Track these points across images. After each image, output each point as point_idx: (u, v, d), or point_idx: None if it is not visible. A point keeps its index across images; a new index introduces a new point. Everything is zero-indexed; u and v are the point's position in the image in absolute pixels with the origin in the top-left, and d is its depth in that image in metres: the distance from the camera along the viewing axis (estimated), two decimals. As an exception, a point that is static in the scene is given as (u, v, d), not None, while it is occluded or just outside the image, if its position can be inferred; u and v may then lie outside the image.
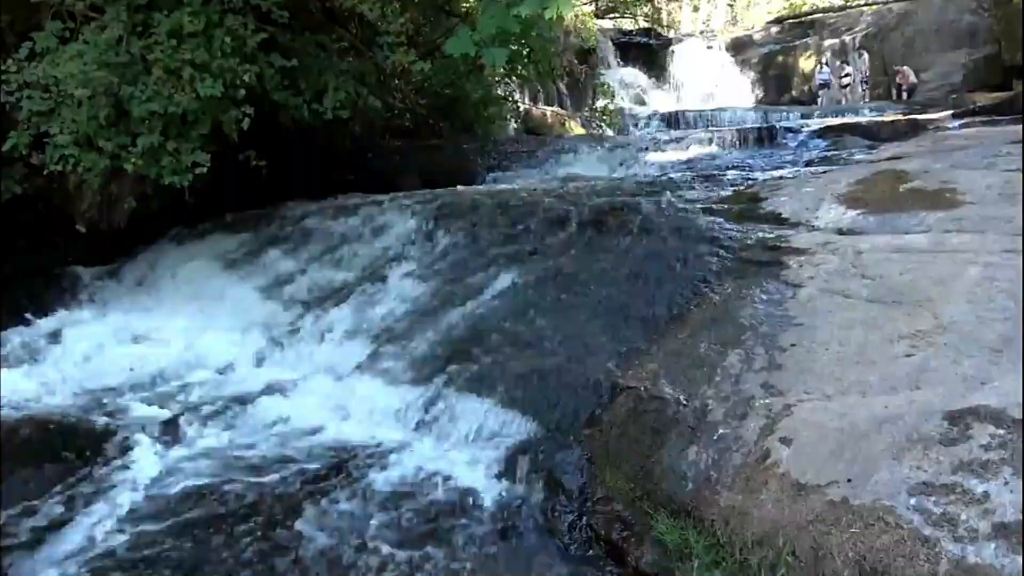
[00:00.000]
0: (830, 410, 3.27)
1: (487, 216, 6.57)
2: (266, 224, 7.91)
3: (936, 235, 4.59)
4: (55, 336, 6.58)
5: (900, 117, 12.03)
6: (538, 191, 7.18)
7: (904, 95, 22.27)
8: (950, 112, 11.85)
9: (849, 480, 2.90)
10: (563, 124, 16.29)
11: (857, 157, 8.13)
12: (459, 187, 8.30)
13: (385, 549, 3.39)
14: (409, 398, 4.62)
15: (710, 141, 10.66)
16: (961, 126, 9.75)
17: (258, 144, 7.66)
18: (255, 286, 6.79)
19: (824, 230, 5.15)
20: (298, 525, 3.58)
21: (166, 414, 4.91)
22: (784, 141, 10.30)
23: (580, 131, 16.14)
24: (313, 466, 4.15)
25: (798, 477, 3.02)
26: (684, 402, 3.70)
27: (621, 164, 10.31)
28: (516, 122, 15.04)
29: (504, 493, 3.76)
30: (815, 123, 11.88)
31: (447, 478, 3.94)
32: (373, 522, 3.60)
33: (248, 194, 8.32)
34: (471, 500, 3.74)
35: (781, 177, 7.06)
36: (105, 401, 5.19)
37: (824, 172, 6.98)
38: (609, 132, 16.20)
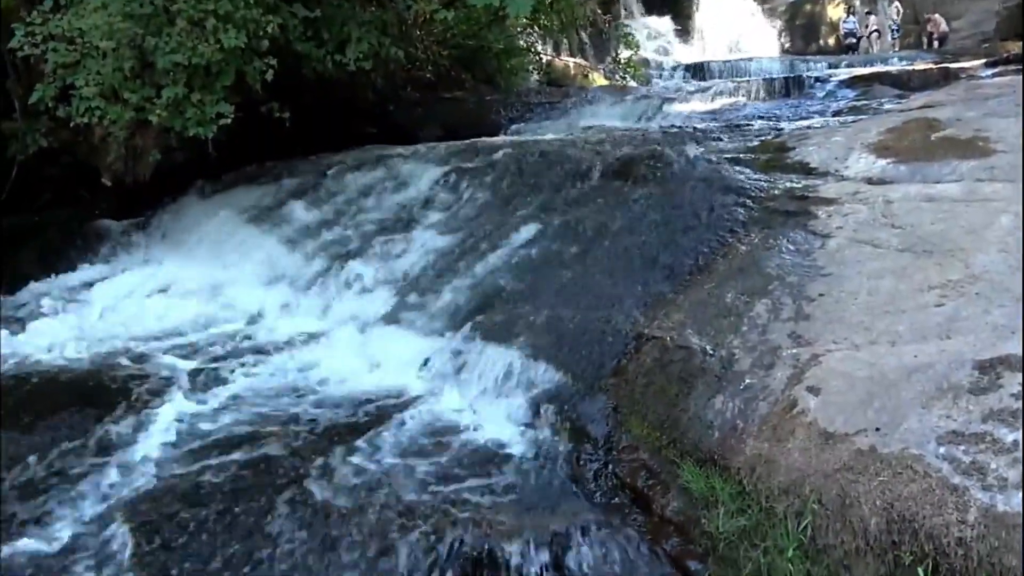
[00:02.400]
0: (859, 359, 3.25)
1: (511, 167, 6.53)
2: (289, 176, 7.90)
3: (968, 184, 4.52)
4: (82, 288, 6.64)
5: (931, 66, 11.78)
6: (562, 142, 7.12)
7: (935, 44, 21.88)
8: (983, 61, 11.59)
9: (877, 429, 2.88)
10: (586, 75, 16.08)
11: (887, 106, 8.01)
12: (482, 138, 8.23)
13: (410, 497, 3.40)
14: (434, 348, 4.63)
15: (736, 91, 10.51)
16: (994, 75, 9.55)
17: (281, 96, 7.64)
18: (279, 238, 6.79)
19: (853, 179, 5.08)
20: (324, 473, 3.60)
21: (193, 364, 4.95)
22: (812, 91, 10.13)
23: (603, 82, 15.93)
24: (339, 415, 4.18)
25: (826, 426, 3.01)
26: (710, 352, 3.68)
27: (645, 115, 10.18)
28: (538, 73, 14.87)
29: (529, 442, 3.77)
30: (843, 72, 11.66)
31: (472, 427, 3.96)
32: (398, 470, 3.62)
33: (271, 146, 8.31)
34: (496, 449, 3.76)
35: (809, 127, 6.96)
36: (132, 351, 5.24)
37: (853, 121, 6.87)
38: (633, 83, 16.03)
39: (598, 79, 16.20)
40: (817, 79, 10.71)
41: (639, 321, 4.16)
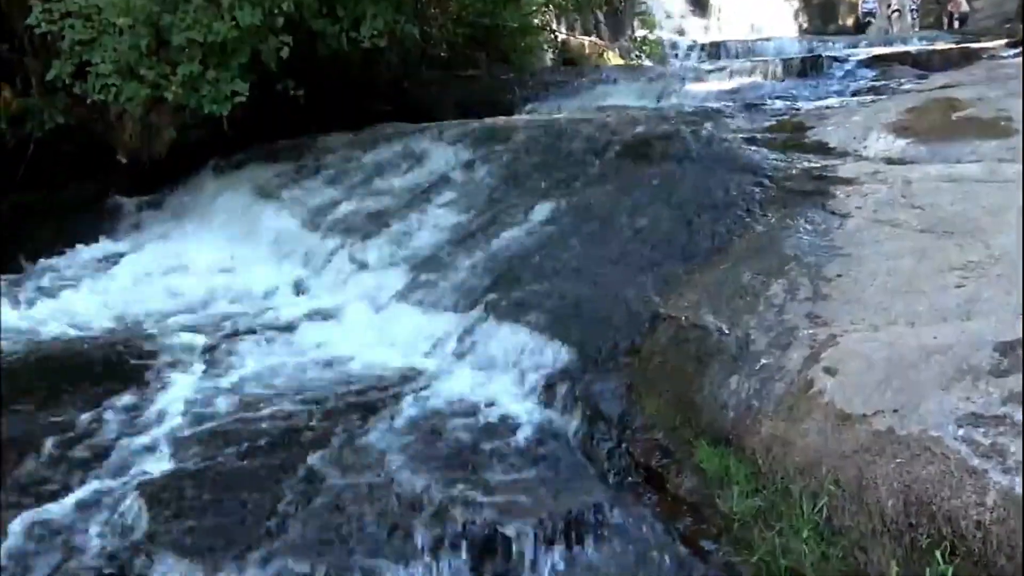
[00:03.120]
0: (877, 340, 3.21)
1: (526, 145, 6.50)
2: (304, 154, 7.89)
3: (989, 164, 4.47)
4: (98, 264, 6.67)
5: (952, 46, 11.63)
6: (577, 121, 7.07)
7: (956, 24, 21.62)
8: (1004, 41, 11.44)
9: (896, 410, 2.85)
10: (601, 54, 15.97)
11: (907, 87, 7.92)
12: (497, 117, 8.20)
13: (424, 473, 3.39)
14: (448, 326, 4.62)
15: (753, 71, 10.40)
16: (1016, 55, 9.42)
17: (295, 74, 7.62)
18: (294, 216, 6.79)
19: (872, 159, 5.03)
20: (337, 449, 3.60)
21: (207, 340, 4.96)
22: (830, 71, 10.01)
23: (619, 61, 15.84)
24: (352, 392, 4.18)
25: (843, 407, 2.98)
26: (726, 331, 3.66)
27: (661, 95, 10.10)
28: (553, 52, 14.78)
29: (543, 420, 3.76)
30: (863, 52, 11.54)
31: (486, 405, 3.95)
32: (412, 447, 3.61)
33: (285, 124, 8.31)
34: (510, 427, 3.74)
35: (827, 107, 6.90)
36: (148, 327, 5.27)
37: (872, 101, 6.80)
38: (648, 63, 15.91)
39: (613, 58, 16.10)
40: (836, 59, 10.59)
41: (654, 300, 4.13)
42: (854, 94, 8.26)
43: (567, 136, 6.41)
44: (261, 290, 5.88)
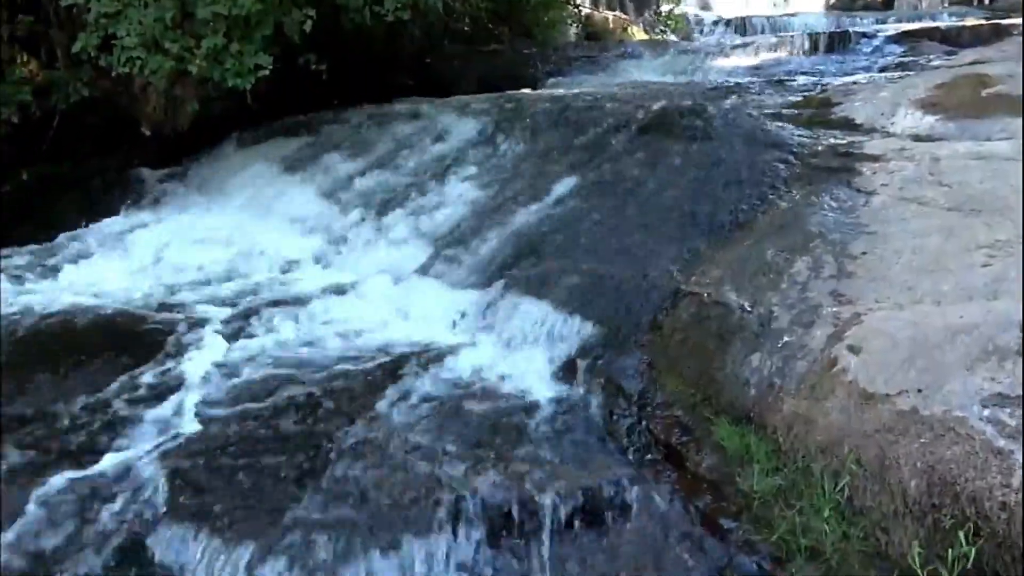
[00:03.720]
0: (902, 319, 3.18)
1: (549, 120, 6.45)
2: (326, 128, 7.88)
3: (1019, 142, 4.39)
4: (121, 235, 6.69)
5: (982, 22, 11.42)
6: (600, 95, 7.02)
7: (986, 0, 21.29)
8: (1035, 17, 11.25)
9: (920, 390, 2.82)
10: (625, 29, 15.82)
11: (936, 63, 7.80)
12: (520, 91, 8.15)
13: (444, 446, 3.40)
14: (468, 300, 4.61)
15: (779, 47, 10.27)
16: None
17: (318, 48, 7.59)
18: (315, 189, 6.79)
19: (900, 136, 4.97)
20: (357, 422, 3.61)
21: (229, 312, 4.98)
22: (858, 47, 9.87)
23: (643, 36, 15.68)
24: (372, 365, 4.18)
25: (866, 385, 2.95)
26: (748, 309, 3.63)
27: (686, 70, 10.01)
28: (577, 27, 14.65)
29: (563, 396, 3.75)
30: (891, 28, 11.37)
31: (505, 380, 3.95)
32: (432, 420, 3.62)
33: (308, 98, 8.29)
34: (530, 402, 3.74)
35: (854, 83, 6.80)
36: (170, 298, 5.29)
37: (900, 77, 6.70)
38: (673, 38, 15.76)
39: (638, 33, 15.94)
40: (863, 35, 10.44)
41: (676, 277, 4.11)
42: (882, 70, 8.14)
43: (590, 111, 6.37)
44: (283, 263, 5.88)
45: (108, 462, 3.41)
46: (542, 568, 2.91)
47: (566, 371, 3.89)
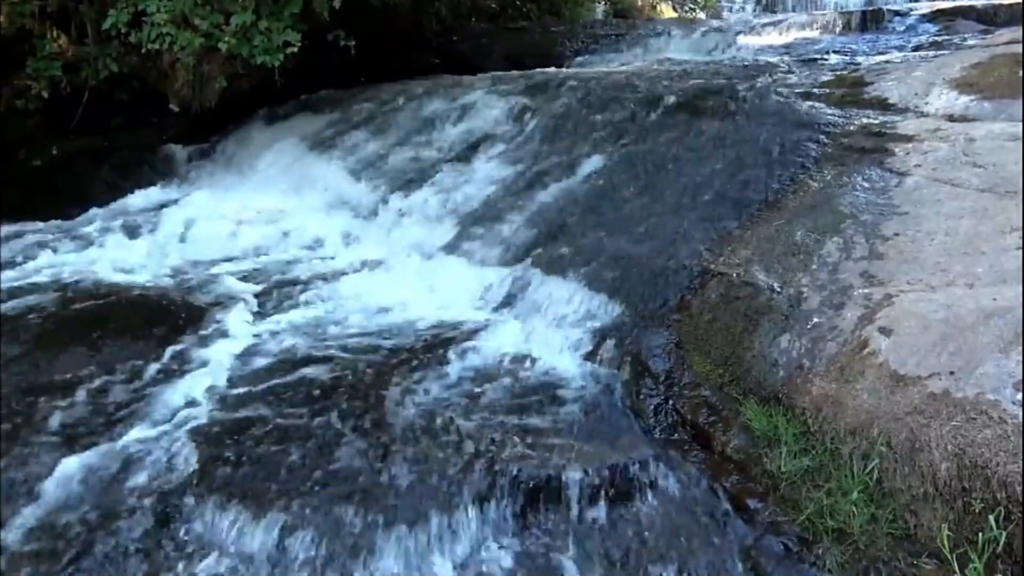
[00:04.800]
0: (934, 301, 3.14)
1: (576, 98, 6.41)
2: (353, 105, 7.87)
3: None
4: (149, 211, 6.74)
5: (1019, 0, 11.25)
6: (628, 74, 6.97)
7: (1021, -21, 20.90)
8: (1074, -5, 11.03)
9: (952, 372, 2.79)
10: (653, 7, 15.69)
11: (971, 42, 7.66)
12: (547, 69, 8.10)
13: (470, 424, 3.41)
14: (495, 279, 4.61)
15: (810, 25, 10.15)
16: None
17: (346, 24, 7.58)
18: (342, 166, 6.80)
19: (934, 116, 4.89)
20: (384, 399, 3.62)
21: (256, 288, 5.00)
22: (891, 25, 9.73)
23: (672, 14, 15.55)
24: (399, 343, 4.18)
25: (897, 368, 2.93)
26: (778, 289, 3.60)
27: (715, 48, 9.91)
28: (605, 4, 14.56)
29: (589, 375, 3.74)
30: (925, 6, 11.17)
31: (532, 358, 3.94)
32: (457, 398, 3.63)
33: (335, 75, 8.30)
34: (556, 380, 3.73)
35: (888, 61, 6.69)
36: (197, 274, 5.32)
37: (935, 56, 6.60)
38: (702, 15, 15.62)
39: (666, 11, 15.81)
40: (896, 13, 10.27)
41: (704, 256, 4.08)
42: (915, 49, 8.01)
43: (618, 89, 6.32)
44: (309, 240, 5.90)
45: (137, 434, 3.44)
46: (568, 545, 2.91)
47: (593, 350, 3.87)
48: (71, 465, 3.21)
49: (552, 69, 8.22)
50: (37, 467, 3.22)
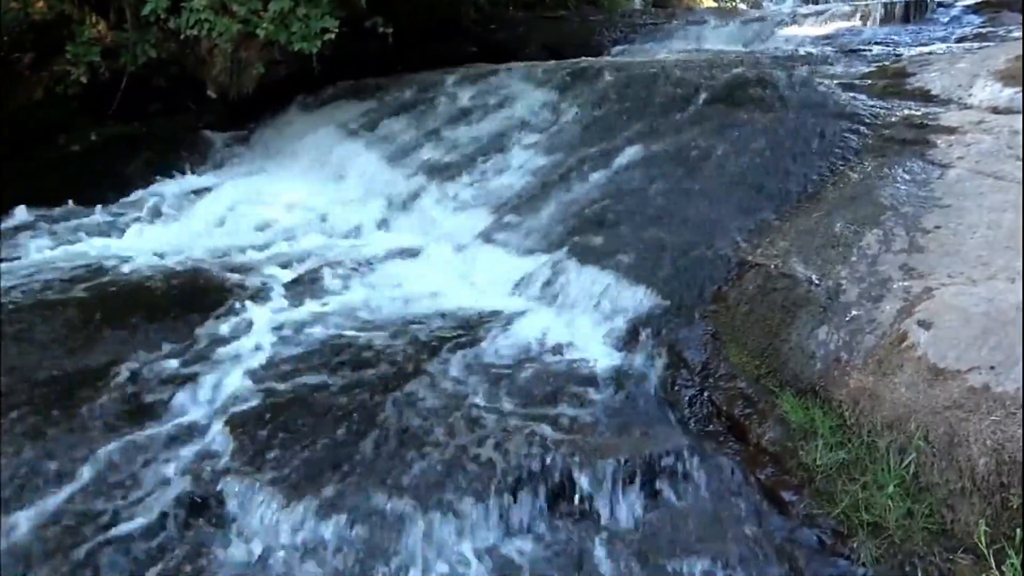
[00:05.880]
0: (975, 295, 3.10)
1: (614, 88, 6.37)
2: (390, 93, 7.87)
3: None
4: (186, 196, 6.79)
5: (1066, -8, 11.04)
6: (667, 64, 6.91)
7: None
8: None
9: (992, 367, 2.76)
10: (693, -4, 15.60)
11: (1016, 33, 7.54)
12: (585, 58, 8.06)
13: (503, 411, 3.42)
14: (530, 267, 4.59)
15: (852, 15, 10.02)
16: None
17: (384, 12, 7.58)
18: (379, 154, 6.80)
19: (977, 108, 4.82)
20: (417, 384, 3.63)
21: (291, 274, 5.02)
22: (935, 16, 9.60)
23: (711, 4, 15.43)
24: (433, 329, 4.19)
25: (936, 361, 2.89)
26: (816, 281, 3.57)
27: (755, 39, 9.82)
28: (644, -7, 14.48)
29: (624, 364, 3.72)
30: (970, -3, 11.03)
31: (566, 347, 3.93)
32: (490, 385, 3.63)
33: (373, 63, 8.30)
34: (590, 369, 3.72)
35: (931, 53, 6.61)
36: (233, 259, 5.35)
37: (979, 48, 6.50)
38: (742, 5, 15.48)
39: (705, 0, 15.69)
40: (940, 4, 10.13)
41: (742, 247, 4.05)
42: (959, 41, 7.90)
43: (657, 79, 6.27)
44: (345, 227, 5.92)
45: (173, 416, 3.50)
46: (599, 535, 2.91)
47: (628, 340, 3.86)
48: (106, 448, 3.25)
49: (590, 58, 8.16)
50: (72, 450, 3.26)
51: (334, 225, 5.95)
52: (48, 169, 7.28)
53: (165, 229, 6.07)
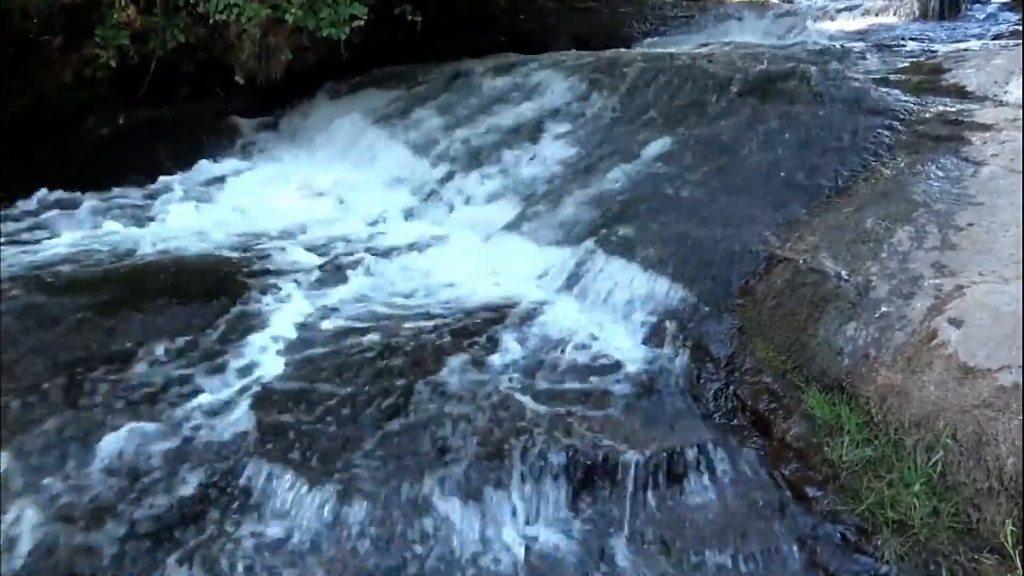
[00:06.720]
0: (1007, 293, 3.06)
1: (644, 80, 6.33)
2: (418, 81, 7.86)
3: None
4: (214, 182, 6.81)
5: (1104, -10, 10.88)
6: (697, 56, 6.86)
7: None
8: None
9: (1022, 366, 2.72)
10: (725, -11, 15.44)
11: (1053, 31, 7.47)
12: (615, 50, 8.01)
13: (524, 403, 3.40)
14: (556, 259, 4.57)
15: (886, 11, 9.94)
16: None
17: (413, 0, 7.57)
18: (405, 142, 6.79)
19: (1013, 105, 4.75)
20: (441, 372, 3.62)
21: (317, 261, 5.02)
22: (970, 13, 9.50)
23: (742, -2, 15.34)
24: (456, 320, 4.17)
25: (966, 360, 2.86)
26: (845, 277, 3.54)
27: (787, 32, 9.75)
28: (675, -15, 14.35)
29: (649, 357, 3.70)
30: (1006, -7, 10.90)
31: (590, 339, 3.90)
32: (516, 375, 3.61)
33: (401, 51, 8.28)
34: (615, 361, 3.70)
35: (966, 49, 6.52)
36: (260, 245, 5.34)
37: (1015, 45, 6.41)
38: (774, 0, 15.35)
39: (737, -6, 15.55)
40: (977, 0, 10.04)
41: (771, 242, 4.02)
42: (995, 38, 7.81)
43: (687, 72, 6.23)
44: (371, 215, 5.91)
45: (196, 401, 3.49)
46: (621, 527, 2.90)
47: (653, 332, 3.83)
48: (130, 429, 3.26)
49: (620, 50, 8.11)
50: (96, 431, 3.27)
51: (360, 212, 5.95)
52: (76, 152, 7.30)
53: (191, 214, 6.07)
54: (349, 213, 6.00)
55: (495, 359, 3.76)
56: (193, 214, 6.09)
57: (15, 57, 7.28)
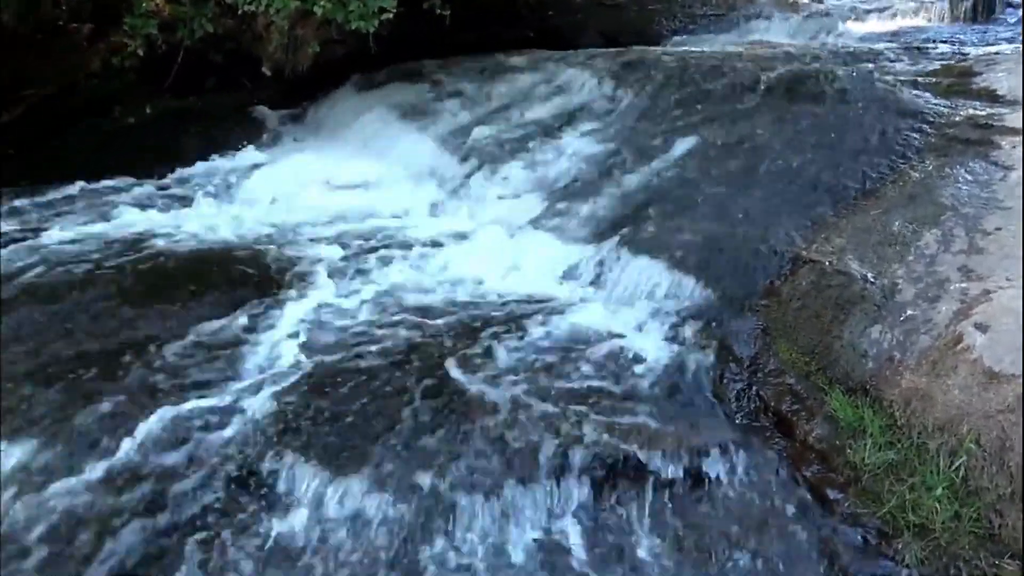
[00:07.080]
0: (1034, 299, 3.04)
1: (671, 78, 6.31)
2: (446, 76, 7.86)
3: None
4: (239, 173, 6.83)
5: None
6: (726, 55, 6.84)
7: None
8: None
9: (1049, 372, 2.71)
10: (754, -11, 15.36)
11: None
12: (643, 47, 7.99)
13: (550, 399, 3.41)
14: (580, 256, 4.58)
15: (917, 13, 9.87)
16: None
17: (442, -7, 7.57)
18: (432, 137, 6.80)
19: (1044, 109, 4.72)
20: (464, 367, 3.64)
21: (340, 254, 5.04)
22: (1003, 16, 9.43)
23: (772, -3, 15.24)
24: (479, 315, 4.19)
25: (991, 365, 2.85)
26: (871, 279, 3.53)
27: (817, 33, 9.70)
28: (704, -17, 14.29)
29: (672, 356, 3.70)
30: (1039, -2, 10.79)
31: (615, 337, 3.91)
32: (539, 372, 3.63)
33: (429, 45, 8.29)
34: (638, 360, 3.70)
35: (998, 52, 6.48)
36: (283, 237, 5.38)
37: (1047, 49, 6.37)
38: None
39: (767, -7, 15.46)
40: (1009, 4, 9.94)
41: (796, 243, 4.01)
42: (1027, 41, 7.72)
43: (715, 70, 6.21)
44: (396, 209, 5.92)
45: (220, 392, 3.52)
46: (643, 525, 2.91)
47: (677, 332, 3.84)
48: (153, 420, 3.29)
49: (648, 48, 8.09)
50: (118, 422, 3.30)
51: (385, 206, 5.96)
52: (103, 141, 7.35)
53: (217, 204, 6.11)
54: (374, 206, 6.00)
55: (518, 354, 3.77)
56: (218, 205, 6.13)
57: (44, 44, 7.33)
